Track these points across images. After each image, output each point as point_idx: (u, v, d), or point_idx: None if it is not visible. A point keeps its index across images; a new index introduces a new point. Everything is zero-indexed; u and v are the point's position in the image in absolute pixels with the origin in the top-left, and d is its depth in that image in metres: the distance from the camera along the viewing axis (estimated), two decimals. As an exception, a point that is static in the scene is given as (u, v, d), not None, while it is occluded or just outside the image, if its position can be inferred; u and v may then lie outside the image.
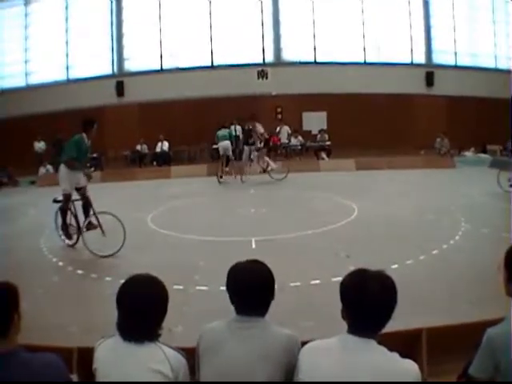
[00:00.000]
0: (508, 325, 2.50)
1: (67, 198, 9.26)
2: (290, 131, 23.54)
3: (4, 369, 2.22)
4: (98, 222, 9.08)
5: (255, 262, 2.79)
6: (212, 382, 2.55)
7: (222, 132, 18.79)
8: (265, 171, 17.62)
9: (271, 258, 3.00)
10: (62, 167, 9.33)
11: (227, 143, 18.51)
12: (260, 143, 17.33)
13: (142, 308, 2.47)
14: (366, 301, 2.30)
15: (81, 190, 9.26)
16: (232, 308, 2.70)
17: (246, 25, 25.66)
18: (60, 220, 9.45)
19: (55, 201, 9.53)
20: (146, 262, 7.92)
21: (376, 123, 24.06)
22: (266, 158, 17.80)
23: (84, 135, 9.32)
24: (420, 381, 2.28)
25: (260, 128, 17.13)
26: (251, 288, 2.64)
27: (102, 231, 9.04)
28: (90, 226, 9.16)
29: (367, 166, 19.76)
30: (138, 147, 24.00)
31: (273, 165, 17.75)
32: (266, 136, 17.86)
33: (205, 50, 25.77)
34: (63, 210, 9.31)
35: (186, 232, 10.33)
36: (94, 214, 9.10)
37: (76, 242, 9.40)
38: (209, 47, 25.80)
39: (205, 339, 2.67)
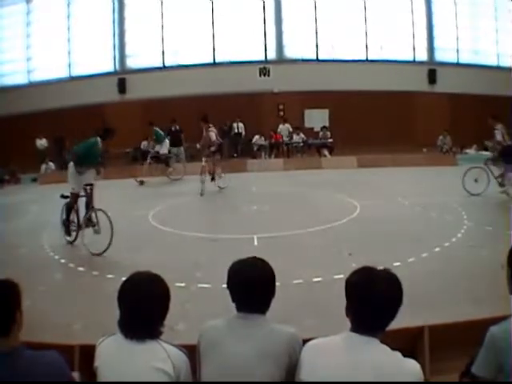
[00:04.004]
0: (510, 323, 2.49)
1: (75, 196, 9.33)
2: (290, 129, 23.54)
3: (6, 367, 2.22)
4: (96, 219, 9.05)
5: (255, 258, 2.79)
6: (213, 382, 2.54)
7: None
8: (213, 179, 15.21)
9: (273, 255, 3.00)
10: (71, 166, 9.39)
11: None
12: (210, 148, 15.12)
13: (144, 306, 2.47)
14: (373, 299, 2.29)
15: (88, 187, 9.23)
16: (233, 305, 2.70)
17: (248, 22, 25.61)
18: (64, 216, 9.51)
19: (63, 196, 9.55)
20: (148, 259, 7.93)
21: (378, 120, 24.02)
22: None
23: (99, 140, 9.35)
24: (422, 381, 2.28)
25: (213, 134, 15.14)
26: (251, 284, 2.63)
27: (97, 229, 9.04)
28: (88, 223, 9.15)
29: (369, 163, 19.74)
30: (144, 144, 23.98)
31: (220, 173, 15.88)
32: (218, 142, 15.71)
33: (207, 47, 25.73)
34: (69, 208, 9.38)
35: (187, 229, 10.33)
36: (94, 211, 9.08)
37: (75, 240, 9.42)
38: (211, 44, 25.77)
39: (205, 337, 2.66)
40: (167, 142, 19.09)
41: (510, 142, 12.83)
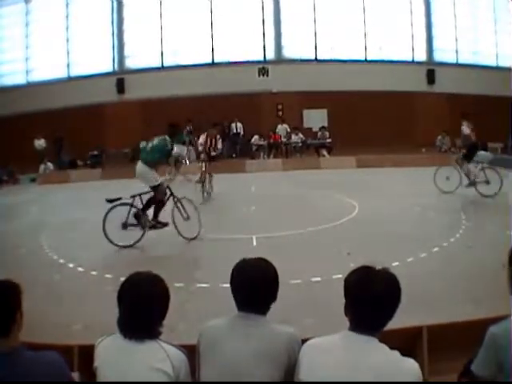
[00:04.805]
0: (510, 322, 2.49)
1: (164, 189, 9.44)
2: (288, 129, 23.58)
3: (7, 367, 2.23)
4: (183, 207, 9.49)
5: (260, 259, 2.79)
6: (213, 382, 2.54)
7: None
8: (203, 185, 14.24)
9: (272, 255, 3.00)
10: (143, 166, 9.45)
11: None
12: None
13: (144, 306, 2.47)
14: (371, 298, 2.29)
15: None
16: (233, 305, 2.70)
17: (246, 22, 25.62)
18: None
19: (108, 200, 9.27)
20: (147, 259, 7.93)
21: (377, 121, 24.03)
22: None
23: (167, 138, 9.57)
24: (421, 380, 2.28)
25: (220, 142, 14.83)
26: (255, 284, 2.62)
27: (187, 216, 9.49)
28: (157, 225, 9.41)
29: (368, 163, 19.75)
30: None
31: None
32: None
33: (206, 47, 25.74)
34: (151, 203, 9.44)
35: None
36: (178, 201, 9.55)
37: (138, 241, 9.25)
38: (209, 44, 25.78)
39: (205, 337, 2.66)
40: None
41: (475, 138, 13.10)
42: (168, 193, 9.51)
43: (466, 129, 13.00)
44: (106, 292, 6.31)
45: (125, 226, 9.25)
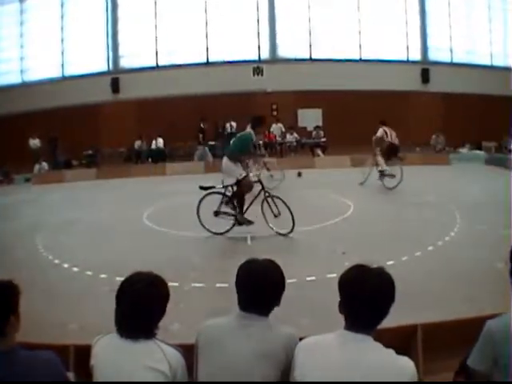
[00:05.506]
0: (509, 318, 2.51)
1: (248, 184, 9.62)
2: (283, 129, 23.59)
3: (5, 366, 2.23)
4: (274, 202, 9.53)
5: (270, 261, 2.78)
6: (212, 382, 2.55)
7: None
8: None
9: (266, 254, 3.00)
10: (228, 161, 9.65)
11: None
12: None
13: (143, 306, 2.47)
14: (365, 296, 2.31)
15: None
16: (227, 305, 2.70)
17: (241, 21, 25.62)
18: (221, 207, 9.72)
19: (202, 187, 9.68)
20: (141, 258, 7.91)
21: (371, 120, 23.91)
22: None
23: (252, 132, 9.78)
24: (416, 378, 2.29)
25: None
26: (261, 285, 2.62)
27: (278, 213, 9.53)
28: (244, 222, 9.58)
29: (362, 162, 19.72)
30: (138, 143, 23.98)
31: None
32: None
33: (200, 46, 25.72)
34: (242, 195, 9.62)
35: (181, 229, 10.29)
36: (269, 196, 9.62)
37: (228, 231, 9.64)
38: (204, 44, 25.76)
39: (204, 336, 2.66)
40: None
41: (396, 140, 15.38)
42: (259, 187, 9.73)
43: (379, 133, 15.35)
44: (102, 292, 6.31)
45: (217, 213, 9.66)
